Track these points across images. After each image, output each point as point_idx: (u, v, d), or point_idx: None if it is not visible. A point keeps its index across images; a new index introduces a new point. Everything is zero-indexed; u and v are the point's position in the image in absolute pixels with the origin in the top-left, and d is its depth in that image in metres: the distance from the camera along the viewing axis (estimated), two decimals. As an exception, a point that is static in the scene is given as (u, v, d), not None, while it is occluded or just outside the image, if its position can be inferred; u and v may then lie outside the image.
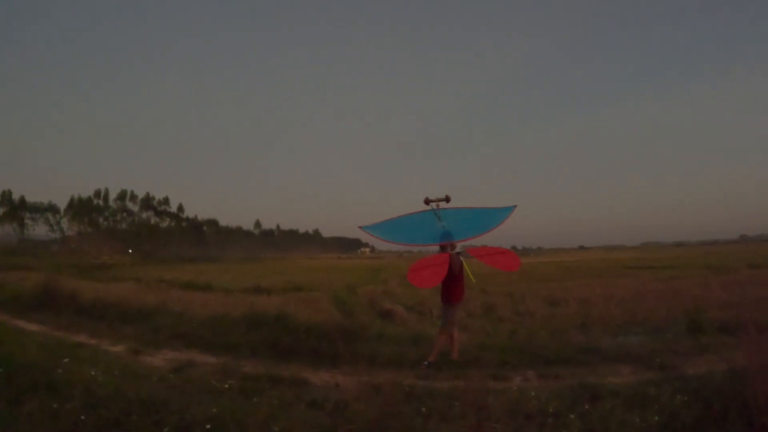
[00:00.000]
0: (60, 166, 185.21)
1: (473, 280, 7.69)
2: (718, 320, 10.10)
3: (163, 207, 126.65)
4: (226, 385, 5.99)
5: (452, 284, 7.46)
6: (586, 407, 5.04)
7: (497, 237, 6.91)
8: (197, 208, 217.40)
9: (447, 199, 7.02)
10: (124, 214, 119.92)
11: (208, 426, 4.41)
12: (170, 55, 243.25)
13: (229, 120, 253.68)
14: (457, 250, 7.54)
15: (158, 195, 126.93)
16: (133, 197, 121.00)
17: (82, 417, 4.63)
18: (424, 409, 5.19)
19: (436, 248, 7.59)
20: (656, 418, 4.62)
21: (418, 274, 6.71)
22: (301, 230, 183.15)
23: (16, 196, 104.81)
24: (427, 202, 7.06)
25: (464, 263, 7.53)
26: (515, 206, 7.23)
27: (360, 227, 7.34)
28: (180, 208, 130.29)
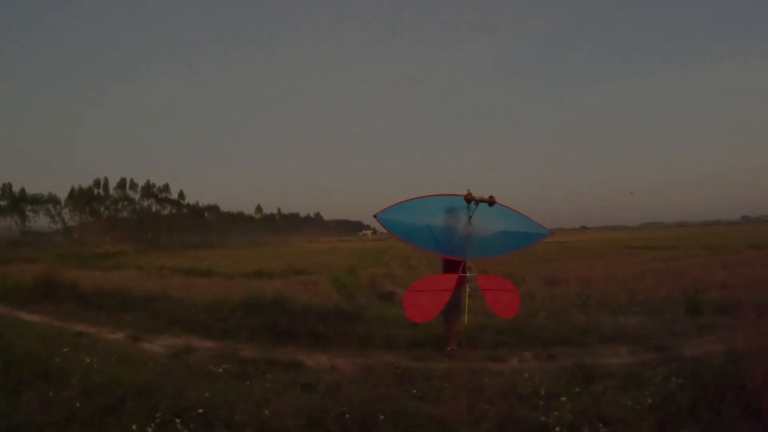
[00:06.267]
0: (59, 157, 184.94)
1: (465, 323, 6.98)
2: (717, 301, 10.10)
3: (163, 194, 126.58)
4: (221, 369, 6.04)
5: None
6: (577, 389, 5.04)
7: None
8: (198, 195, 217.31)
9: (491, 201, 6.42)
10: (125, 203, 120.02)
11: (201, 410, 4.45)
12: (166, 42, 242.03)
13: (228, 106, 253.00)
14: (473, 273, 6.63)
15: (158, 182, 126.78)
16: (134, 185, 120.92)
17: (78, 404, 4.66)
18: (415, 391, 5.23)
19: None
20: (649, 401, 4.60)
21: (417, 298, 6.15)
22: (302, 214, 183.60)
23: (16, 189, 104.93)
24: (468, 199, 6.33)
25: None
26: (551, 232, 7.16)
27: (375, 216, 6.35)
28: (181, 194, 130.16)
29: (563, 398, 4.65)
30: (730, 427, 4.22)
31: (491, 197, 6.39)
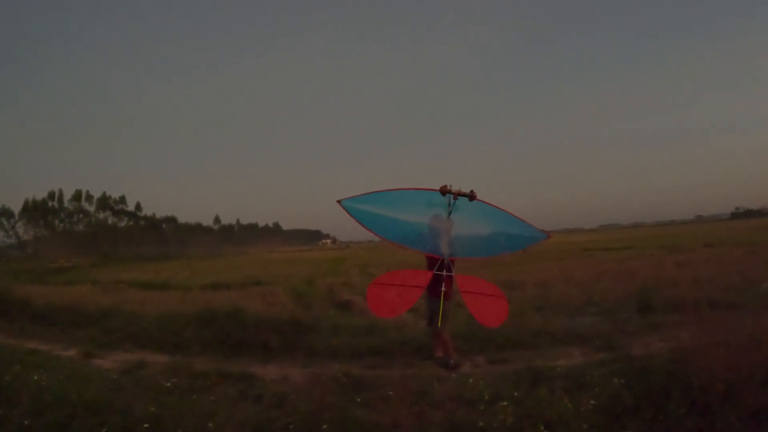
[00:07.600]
0: (12, 169, 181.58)
1: (439, 325, 6.58)
2: (669, 299, 10.28)
3: (120, 206, 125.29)
4: (169, 384, 5.99)
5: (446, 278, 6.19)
6: (516, 393, 5.09)
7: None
8: (155, 206, 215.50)
9: (471, 196, 5.93)
10: (81, 215, 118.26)
11: (147, 425, 4.48)
12: (117, 49, 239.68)
13: (183, 114, 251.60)
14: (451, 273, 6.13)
15: (115, 194, 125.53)
16: (89, 197, 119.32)
17: (27, 422, 4.66)
18: (359, 399, 5.24)
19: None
20: (593, 402, 4.69)
21: (380, 292, 5.67)
22: (261, 224, 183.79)
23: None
24: (444, 191, 5.86)
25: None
26: (547, 236, 6.32)
27: (339, 202, 5.80)
28: (138, 206, 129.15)
29: (504, 402, 4.71)
30: (676, 424, 4.29)
31: (472, 191, 5.96)
